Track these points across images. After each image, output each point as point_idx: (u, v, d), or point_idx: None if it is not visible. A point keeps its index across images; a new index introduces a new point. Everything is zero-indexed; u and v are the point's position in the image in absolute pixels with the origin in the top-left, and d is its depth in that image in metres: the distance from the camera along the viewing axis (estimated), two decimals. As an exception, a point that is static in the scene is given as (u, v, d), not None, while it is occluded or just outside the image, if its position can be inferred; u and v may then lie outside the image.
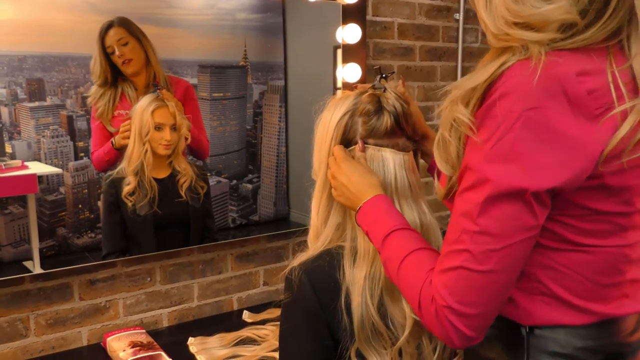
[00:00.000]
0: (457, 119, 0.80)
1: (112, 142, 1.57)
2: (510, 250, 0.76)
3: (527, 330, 0.85)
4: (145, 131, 1.58)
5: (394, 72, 1.10)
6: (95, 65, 1.51)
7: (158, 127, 1.60)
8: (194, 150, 1.72)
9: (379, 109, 0.97)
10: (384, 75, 1.02)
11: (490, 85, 0.78)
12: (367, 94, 0.98)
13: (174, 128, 1.62)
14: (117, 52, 1.53)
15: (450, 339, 0.78)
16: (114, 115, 1.57)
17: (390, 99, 0.97)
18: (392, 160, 0.96)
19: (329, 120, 0.99)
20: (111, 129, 1.57)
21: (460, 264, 0.76)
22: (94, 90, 1.52)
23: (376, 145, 0.97)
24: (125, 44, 1.54)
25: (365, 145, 0.97)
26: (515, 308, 0.85)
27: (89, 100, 1.52)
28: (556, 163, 0.74)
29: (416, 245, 0.86)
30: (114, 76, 1.55)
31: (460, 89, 0.81)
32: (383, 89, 0.98)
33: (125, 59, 1.55)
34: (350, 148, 0.98)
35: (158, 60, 1.59)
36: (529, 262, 0.81)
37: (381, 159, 0.96)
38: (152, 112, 1.58)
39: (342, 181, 0.95)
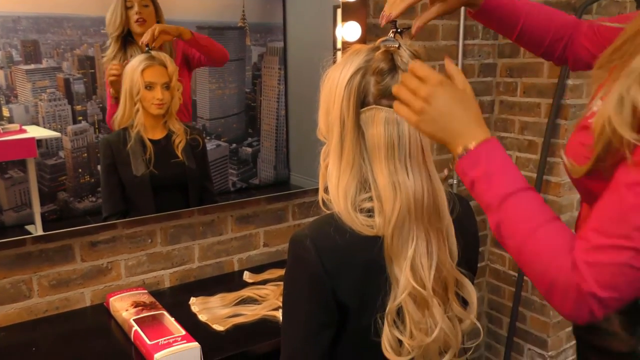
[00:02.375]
0: None
1: None
2: None
3: None
4: (135, 91, 1.56)
5: (409, 28, 1.04)
6: (114, 16, 1.52)
7: (149, 86, 1.58)
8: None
9: (393, 67, 0.91)
10: (398, 30, 0.94)
11: None
12: (380, 50, 0.92)
13: (167, 87, 1.61)
14: (136, 9, 1.54)
15: (577, 318, 0.76)
16: None
17: (405, 57, 0.91)
18: (406, 123, 0.91)
19: (338, 78, 0.94)
20: None
21: (624, 261, 0.71)
22: (110, 49, 1.53)
23: (390, 106, 0.91)
24: (146, 6, 1.56)
25: (379, 106, 0.92)
26: None
27: (104, 60, 1.53)
28: None
29: (548, 215, 0.79)
30: (125, 36, 1.55)
31: None
32: (397, 45, 0.92)
33: (140, 18, 1.56)
34: (363, 109, 0.93)
35: None
36: None
37: (396, 121, 0.91)
38: (142, 71, 1.56)
39: (440, 108, 0.82)
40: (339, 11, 1.86)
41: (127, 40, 1.56)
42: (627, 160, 0.74)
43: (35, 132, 1.45)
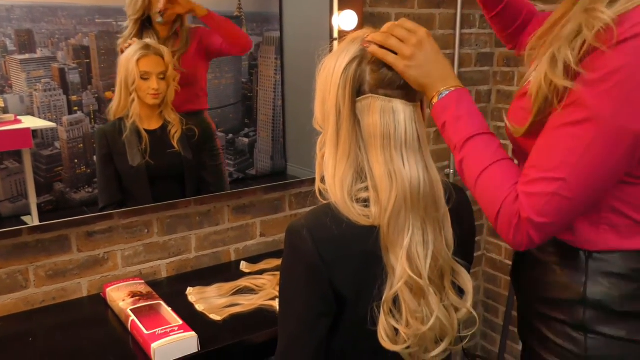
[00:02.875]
0: (594, 19, 0.78)
1: None
2: (602, 184, 0.84)
3: (587, 254, 0.93)
4: (130, 80, 1.56)
5: None
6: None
7: (144, 77, 1.57)
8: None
9: None
10: None
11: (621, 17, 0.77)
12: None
13: (162, 77, 1.60)
14: None
15: (520, 244, 0.87)
16: None
17: None
18: (402, 112, 0.92)
19: (334, 67, 0.93)
20: None
21: (554, 191, 0.83)
22: (127, 30, 1.53)
23: (386, 95, 0.92)
24: None
25: (375, 95, 0.92)
26: (577, 236, 0.93)
27: (119, 41, 1.53)
28: None
29: (501, 155, 0.91)
30: (144, 21, 1.55)
31: None
32: None
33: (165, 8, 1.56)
34: (359, 98, 0.93)
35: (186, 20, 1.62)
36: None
37: (392, 110, 0.91)
38: (137, 60, 1.55)
39: (428, 54, 0.93)
40: (336, 0, 1.85)
41: (145, 25, 1.55)
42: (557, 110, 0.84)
43: (31, 122, 1.44)
